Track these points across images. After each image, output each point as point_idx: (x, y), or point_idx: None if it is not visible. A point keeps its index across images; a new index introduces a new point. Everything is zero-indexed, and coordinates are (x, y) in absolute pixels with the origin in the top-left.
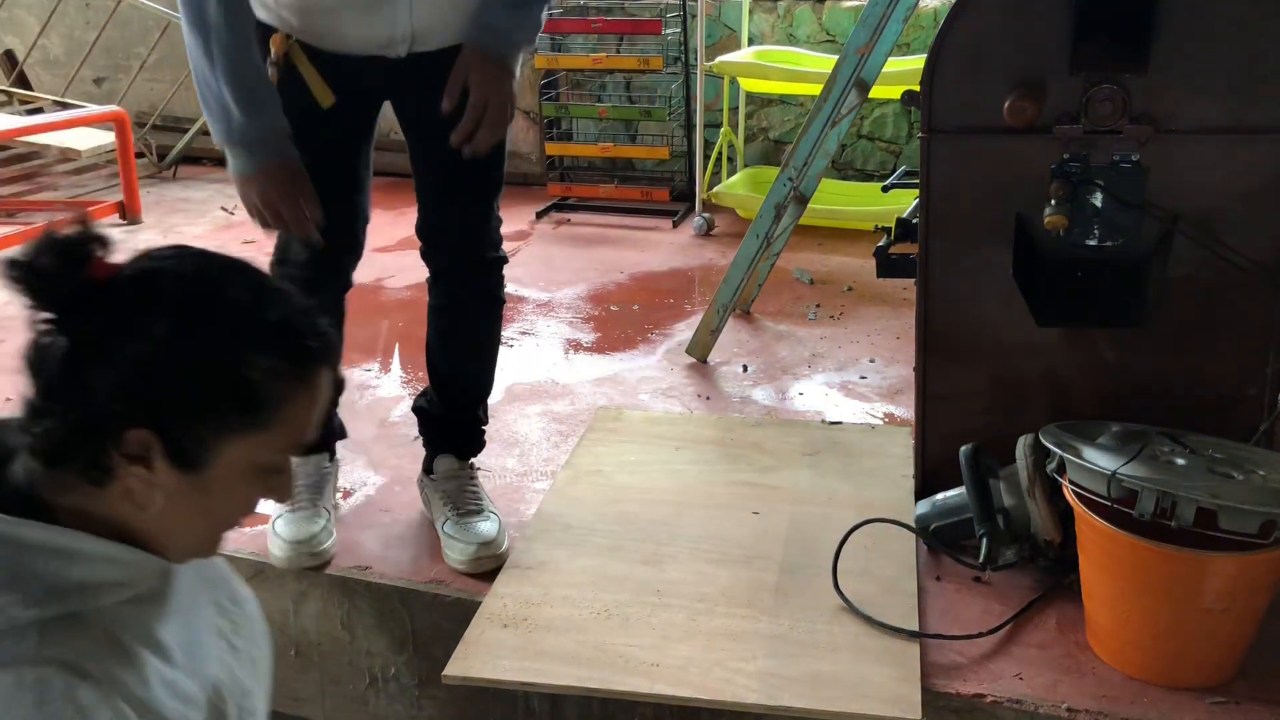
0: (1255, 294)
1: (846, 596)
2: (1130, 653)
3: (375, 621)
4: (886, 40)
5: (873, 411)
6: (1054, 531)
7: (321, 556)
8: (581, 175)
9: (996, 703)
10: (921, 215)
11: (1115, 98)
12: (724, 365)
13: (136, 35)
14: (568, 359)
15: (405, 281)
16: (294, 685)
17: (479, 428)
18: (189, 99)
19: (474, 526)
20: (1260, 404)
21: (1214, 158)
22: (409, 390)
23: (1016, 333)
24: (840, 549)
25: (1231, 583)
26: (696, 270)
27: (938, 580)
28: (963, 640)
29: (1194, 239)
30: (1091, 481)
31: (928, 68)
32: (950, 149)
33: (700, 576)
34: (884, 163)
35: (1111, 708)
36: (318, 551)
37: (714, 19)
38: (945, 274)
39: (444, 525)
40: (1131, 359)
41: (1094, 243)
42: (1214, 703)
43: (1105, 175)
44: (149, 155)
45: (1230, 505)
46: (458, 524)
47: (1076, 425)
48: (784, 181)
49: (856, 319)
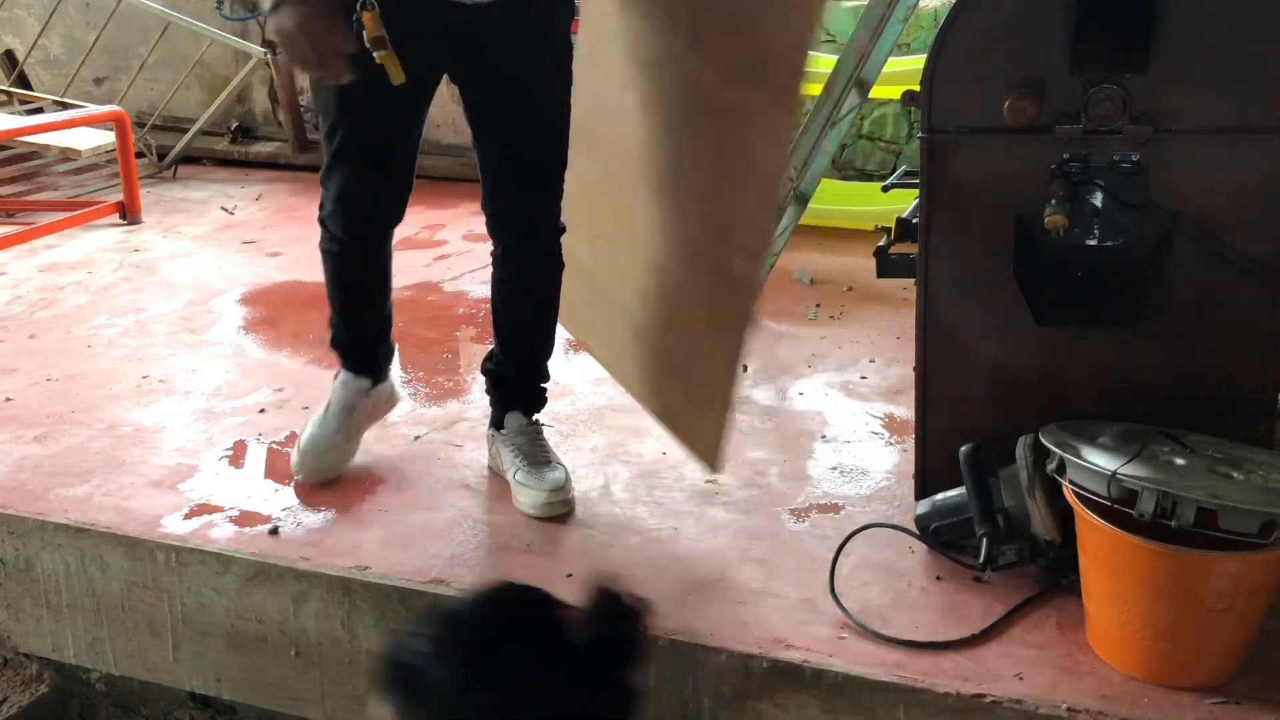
0: (1255, 294)
1: (844, 606)
2: (1130, 653)
3: (375, 621)
4: (886, 40)
5: (873, 411)
6: (1054, 531)
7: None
8: None
9: (996, 703)
10: (921, 215)
11: (1115, 98)
12: None
13: (136, 35)
14: (568, 359)
15: (405, 281)
16: (294, 685)
17: (542, 385)
18: (189, 99)
19: (545, 475)
20: (1260, 404)
21: (1214, 158)
22: (409, 390)
23: (1016, 333)
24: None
25: (1231, 583)
26: None
27: (938, 580)
28: (963, 640)
29: (1194, 239)
30: (1091, 481)
31: (928, 68)
32: (950, 149)
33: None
34: (884, 163)
35: (1111, 708)
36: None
37: None
38: (945, 274)
39: (515, 475)
40: (1131, 359)
41: (1094, 243)
42: (1214, 703)
43: (1105, 175)
44: (149, 155)
45: (1230, 505)
46: (530, 472)
47: (1076, 425)
48: (784, 181)
49: (856, 319)
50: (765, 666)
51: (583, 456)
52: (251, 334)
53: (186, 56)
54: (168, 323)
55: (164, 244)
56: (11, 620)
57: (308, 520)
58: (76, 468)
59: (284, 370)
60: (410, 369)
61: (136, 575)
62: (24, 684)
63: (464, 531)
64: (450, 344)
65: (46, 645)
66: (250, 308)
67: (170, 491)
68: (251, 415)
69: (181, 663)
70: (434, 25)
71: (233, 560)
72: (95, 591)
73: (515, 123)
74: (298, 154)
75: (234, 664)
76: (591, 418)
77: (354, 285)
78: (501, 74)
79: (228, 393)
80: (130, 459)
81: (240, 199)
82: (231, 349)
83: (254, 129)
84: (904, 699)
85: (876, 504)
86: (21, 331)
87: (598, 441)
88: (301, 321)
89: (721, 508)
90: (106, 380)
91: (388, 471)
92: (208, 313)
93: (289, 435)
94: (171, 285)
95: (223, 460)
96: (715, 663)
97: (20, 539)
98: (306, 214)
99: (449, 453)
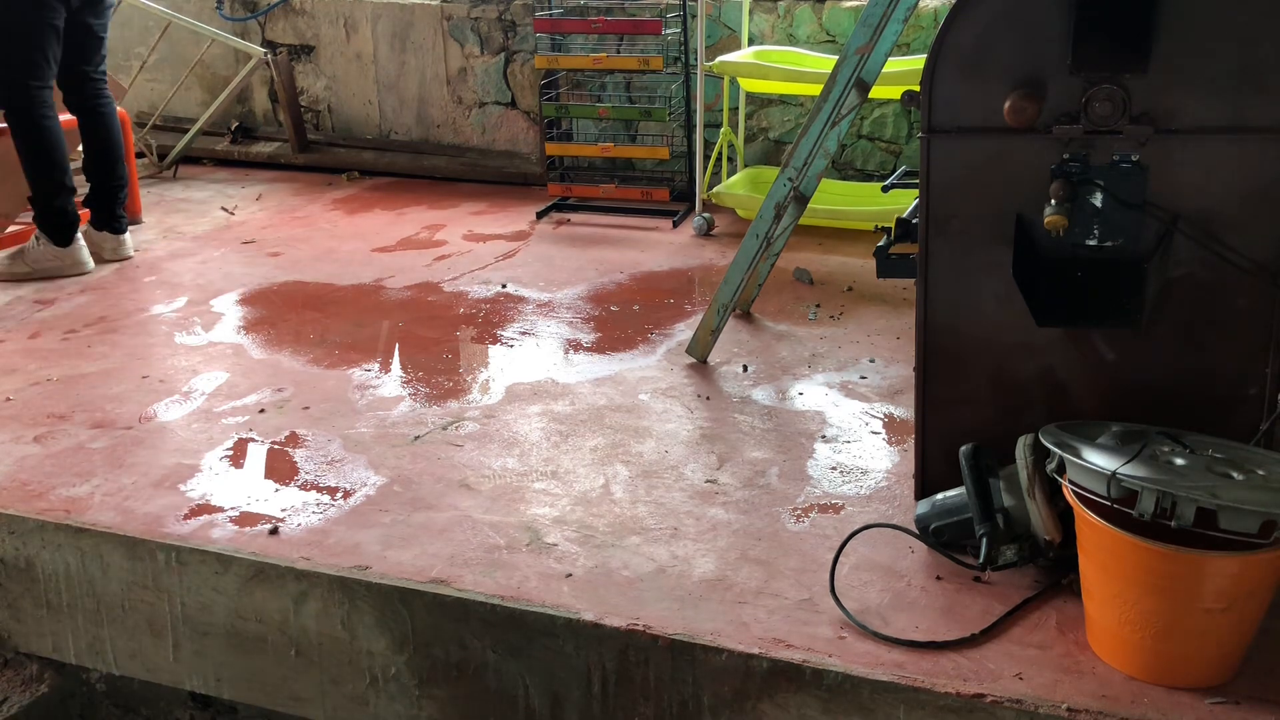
0: (1255, 294)
1: (844, 606)
2: (1130, 653)
3: (375, 621)
4: (886, 40)
5: (873, 411)
6: (1054, 531)
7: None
8: (581, 175)
9: (996, 702)
10: (921, 215)
11: (1115, 98)
12: (724, 365)
13: (136, 35)
14: (568, 359)
15: (405, 281)
16: (294, 685)
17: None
18: (189, 99)
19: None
20: (1260, 404)
21: (1214, 158)
22: (409, 390)
23: (1016, 333)
24: (838, 555)
25: (1231, 583)
26: (696, 270)
27: (938, 580)
28: (963, 640)
29: (1194, 239)
30: (1091, 481)
31: (928, 68)
32: (950, 149)
33: None
34: (884, 163)
35: (1111, 708)
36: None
37: (714, 19)
38: (945, 274)
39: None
40: (1131, 359)
41: (1094, 243)
42: (1214, 703)
43: (1105, 175)
44: (149, 155)
45: (1230, 505)
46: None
47: (1076, 425)
48: (784, 181)
49: (856, 319)
50: (765, 666)
51: (583, 456)
52: (251, 334)
53: (187, 56)
54: (168, 323)
55: (164, 244)
56: (11, 620)
57: (308, 520)
58: (76, 468)
59: (284, 370)
60: (410, 369)
61: (136, 575)
62: (24, 684)
63: (464, 531)
64: (450, 344)
65: (46, 645)
66: (250, 308)
67: (170, 491)
68: (251, 415)
69: (182, 663)
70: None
71: (233, 560)
72: (95, 591)
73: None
74: (298, 154)
75: (234, 664)
76: (591, 418)
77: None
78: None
79: (228, 393)
80: (130, 459)
81: (240, 199)
82: (231, 349)
83: (254, 129)
84: (904, 699)
85: (876, 504)
86: (21, 331)
87: (598, 441)
88: (301, 321)
89: (721, 508)
90: (106, 380)
91: (388, 471)
92: (208, 313)
93: (289, 435)
94: (171, 285)
95: (223, 460)
96: (715, 663)
97: (20, 539)
98: (307, 214)
99: (449, 453)
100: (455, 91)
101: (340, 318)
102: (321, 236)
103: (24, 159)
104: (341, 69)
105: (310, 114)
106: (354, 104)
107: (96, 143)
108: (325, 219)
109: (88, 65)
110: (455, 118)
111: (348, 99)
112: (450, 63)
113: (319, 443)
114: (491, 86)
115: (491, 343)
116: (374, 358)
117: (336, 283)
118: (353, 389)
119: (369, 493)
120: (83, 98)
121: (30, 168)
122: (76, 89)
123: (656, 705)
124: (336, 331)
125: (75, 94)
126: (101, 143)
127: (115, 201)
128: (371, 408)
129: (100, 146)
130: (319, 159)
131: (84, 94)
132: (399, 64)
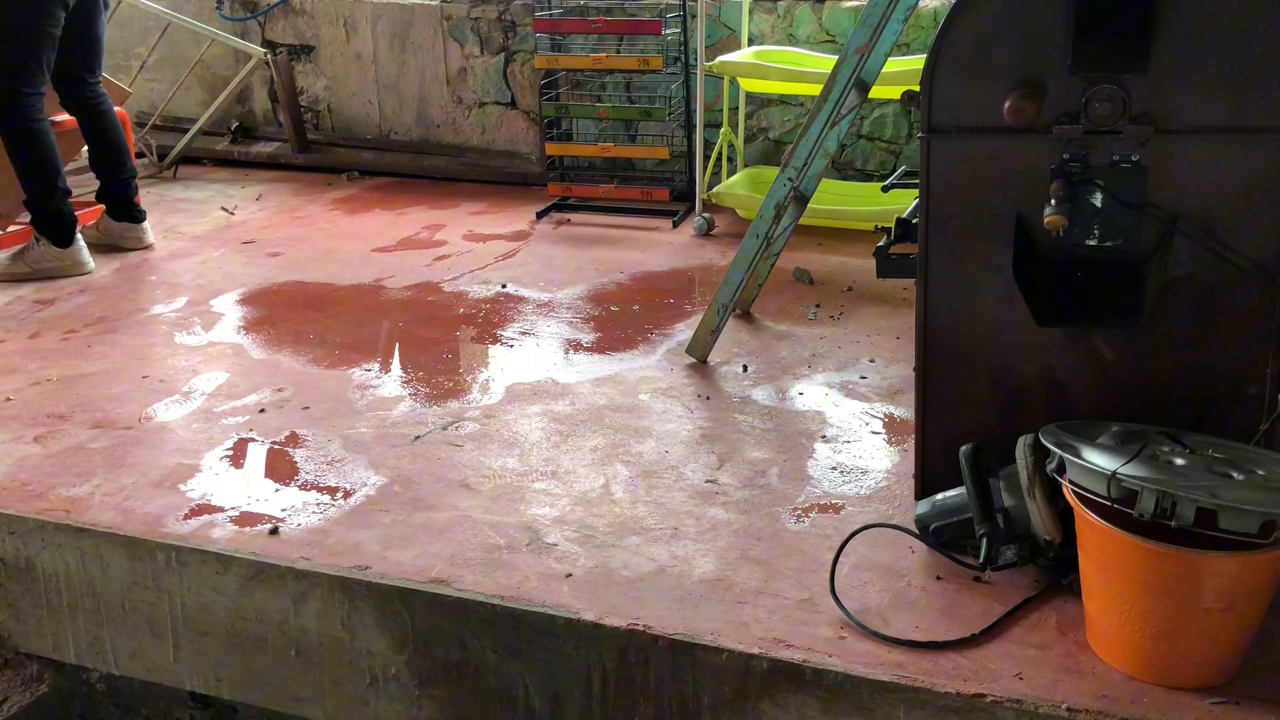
0: (1255, 294)
1: (844, 606)
2: (1130, 653)
3: (375, 621)
4: (886, 40)
5: (872, 411)
6: (1054, 531)
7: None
8: (581, 175)
9: (996, 702)
10: (921, 215)
11: (1115, 98)
12: (724, 365)
13: (136, 35)
14: (568, 359)
15: (405, 281)
16: (294, 685)
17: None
18: (189, 99)
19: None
20: (1260, 404)
21: (1214, 158)
22: (409, 390)
23: (1016, 333)
24: (838, 555)
25: (1231, 583)
26: (696, 270)
27: (938, 580)
28: (963, 640)
29: (1194, 239)
30: (1091, 481)
31: (928, 68)
32: (950, 149)
33: None
34: (884, 163)
35: (1111, 708)
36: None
37: (714, 19)
38: (945, 274)
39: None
40: (1131, 359)
41: (1094, 243)
42: (1214, 703)
43: (1105, 175)
44: (149, 155)
45: (1230, 505)
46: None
47: (1076, 425)
48: (784, 181)
49: (856, 319)
50: (765, 666)
51: (583, 456)
52: (251, 334)
53: (186, 56)
54: (168, 323)
55: (164, 244)
56: (12, 620)
57: (308, 520)
58: (76, 468)
59: (284, 370)
60: (410, 369)
61: (137, 575)
62: (24, 684)
63: (464, 531)
64: (450, 344)
65: (47, 645)
66: (250, 308)
67: (170, 491)
68: (251, 415)
69: (182, 662)
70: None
71: (233, 560)
72: (95, 591)
73: None
74: (298, 154)
75: (234, 664)
76: (591, 418)
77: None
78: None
79: (228, 393)
80: (130, 459)
81: (240, 199)
82: (231, 349)
83: (254, 129)
84: (904, 699)
85: (876, 504)
86: (21, 331)
87: (598, 441)
88: (301, 321)
89: (721, 508)
90: (106, 380)
91: (388, 471)
92: (208, 313)
93: (289, 435)
94: (171, 285)
95: (223, 460)
96: (715, 663)
97: (20, 539)
98: (307, 214)
99: (449, 453)
100: (455, 91)
101: (340, 318)
102: (321, 236)
103: (16, 164)
104: (341, 69)
105: (310, 114)
106: (354, 104)
107: (100, 142)
108: (325, 219)
109: (85, 69)
110: (455, 118)
111: (347, 99)
112: (450, 63)
113: (319, 443)
114: (491, 86)
115: (491, 343)
116: (374, 358)
117: (336, 283)
118: (353, 389)
119: (369, 493)
120: (81, 100)
121: (23, 172)
122: (75, 92)
123: (656, 705)
124: (336, 331)
125: (74, 97)
126: (106, 142)
127: (129, 192)
128: (371, 408)
129: (105, 145)
130: (319, 159)
131: (82, 96)
132: (399, 64)
